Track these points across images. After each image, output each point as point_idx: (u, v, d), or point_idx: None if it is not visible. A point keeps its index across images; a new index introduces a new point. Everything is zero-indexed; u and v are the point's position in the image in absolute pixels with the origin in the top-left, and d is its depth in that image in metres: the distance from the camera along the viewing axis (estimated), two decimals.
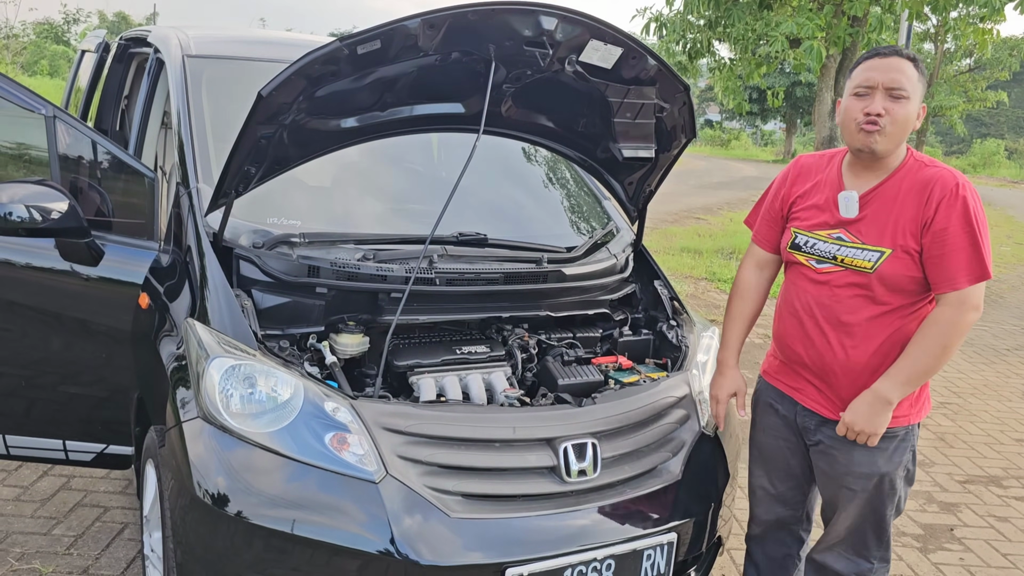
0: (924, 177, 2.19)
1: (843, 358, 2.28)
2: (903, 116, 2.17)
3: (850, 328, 2.27)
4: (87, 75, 4.62)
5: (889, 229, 2.20)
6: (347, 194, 3.24)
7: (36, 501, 3.46)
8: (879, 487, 2.33)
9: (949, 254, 2.14)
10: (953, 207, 2.13)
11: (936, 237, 2.14)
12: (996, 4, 9.53)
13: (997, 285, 10.89)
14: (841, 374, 2.30)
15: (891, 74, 2.16)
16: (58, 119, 2.83)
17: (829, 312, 2.30)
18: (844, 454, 2.33)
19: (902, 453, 2.32)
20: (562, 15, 2.27)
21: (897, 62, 2.17)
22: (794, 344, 2.40)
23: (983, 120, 51.32)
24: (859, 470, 2.32)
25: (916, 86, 2.18)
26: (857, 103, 2.20)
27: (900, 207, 2.20)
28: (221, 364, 2.20)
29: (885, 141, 2.18)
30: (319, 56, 2.17)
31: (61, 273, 2.81)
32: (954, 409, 5.65)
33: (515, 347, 2.73)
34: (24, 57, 33.60)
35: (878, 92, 2.17)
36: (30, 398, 3.01)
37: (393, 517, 2.06)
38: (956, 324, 2.15)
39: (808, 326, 2.35)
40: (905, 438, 2.32)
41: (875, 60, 2.20)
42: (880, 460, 2.31)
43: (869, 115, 2.17)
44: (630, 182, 2.99)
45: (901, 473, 2.35)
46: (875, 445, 2.27)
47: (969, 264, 2.13)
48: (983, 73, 32.09)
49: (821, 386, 2.37)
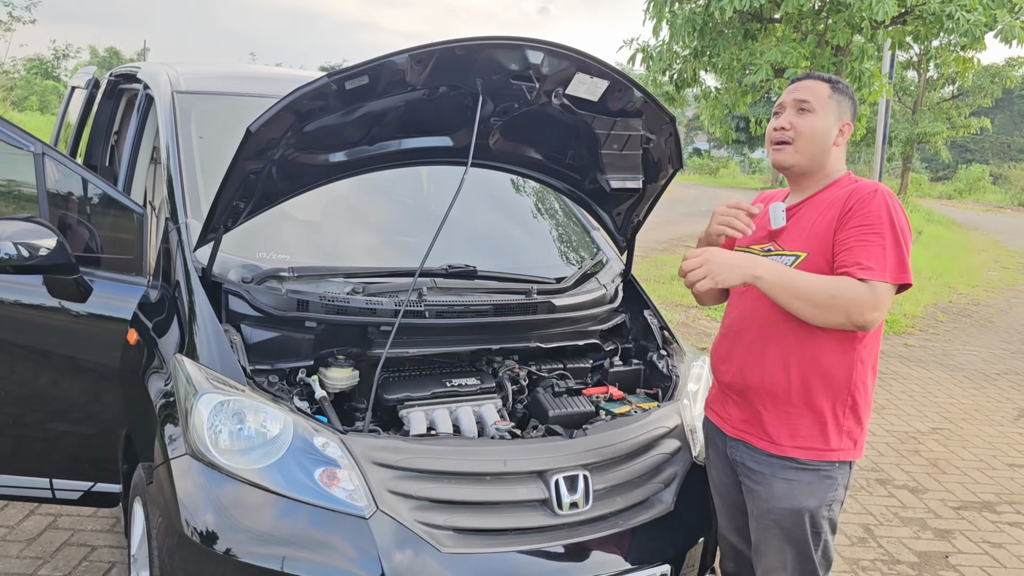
0: (849, 189, 2.19)
1: (761, 372, 2.21)
2: (808, 128, 2.20)
3: (765, 339, 2.21)
4: (77, 111, 4.63)
5: (806, 234, 2.19)
6: (336, 227, 3.25)
7: (22, 541, 3.41)
8: (799, 524, 2.20)
9: (862, 245, 2.06)
10: (868, 204, 2.09)
11: (850, 231, 2.09)
12: (976, 33, 9.67)
13: (986, 309, 10.95)
14: (758, 389, 2.22)
15: (796, 93, 2.24)
16: (47, 156, 2.83)
17: (749, 324, 2.26)
18: (765, 487, 2.23)
19: (826, 490, 2.19)
20: (548, 49, 2.30)
21: (806, 82, 2.25)
22: (720, 363, 2.36)
23: (968, 146, 51.86)
24: (779, 505, 2.20)
25: (825, 102, 2.21)
26: (771, 123, 2.28)
27: (820, 215, 2.19)
28: (210, 400, 2.19)
29: (795, 155, 2.22)
30: (307, 92, 2.18)
31: (49, 310, 2.80)
32: (946, 435, 5.65)
33: (505, 379, 2.73)
34: (15, 93, 33.67)
35: (787, 109, 2.25)
36: (17, 436, 2.98)
37: (384, 553, 2.04)
38: (855, 303, 2.02)
39: (731, 341, 2.31)
40: (830, 474, 2.19)
41: (792, 84, 2.30)
42: (800, 493, 2.18)
43: (776, 130, 2.24)
44: (618, 212, 3.01)
45: (824, 512, 2.20)
46: (701, 289, 2.08)
47: (884, 259, 2.05)
48: (966, 100, 32.50)
49: (742, 406, 2.29)
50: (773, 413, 2.22)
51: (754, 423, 2.27)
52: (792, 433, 2.20)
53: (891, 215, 2.09)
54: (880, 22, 9.87)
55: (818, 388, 2.17)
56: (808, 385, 2.17)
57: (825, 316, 2.06)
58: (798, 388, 2.18)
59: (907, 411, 6.16)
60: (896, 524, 4.17)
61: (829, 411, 2.18)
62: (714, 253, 2.09)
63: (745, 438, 2.29)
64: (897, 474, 4.85)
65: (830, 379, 2.17)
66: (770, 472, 2.22)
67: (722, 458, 2.40)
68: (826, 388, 2.17)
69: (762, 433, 2.24)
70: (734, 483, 2.38)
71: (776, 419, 2.22)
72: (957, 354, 8.24)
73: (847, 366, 2.17)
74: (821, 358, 2.16)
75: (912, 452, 5.26)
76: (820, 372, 2.17)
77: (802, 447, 2.19)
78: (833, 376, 2.17)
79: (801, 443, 2.19)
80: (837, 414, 2.19)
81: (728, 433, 2.35)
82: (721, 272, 2.06)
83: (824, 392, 2.17)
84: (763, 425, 2.24)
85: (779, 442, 2.21)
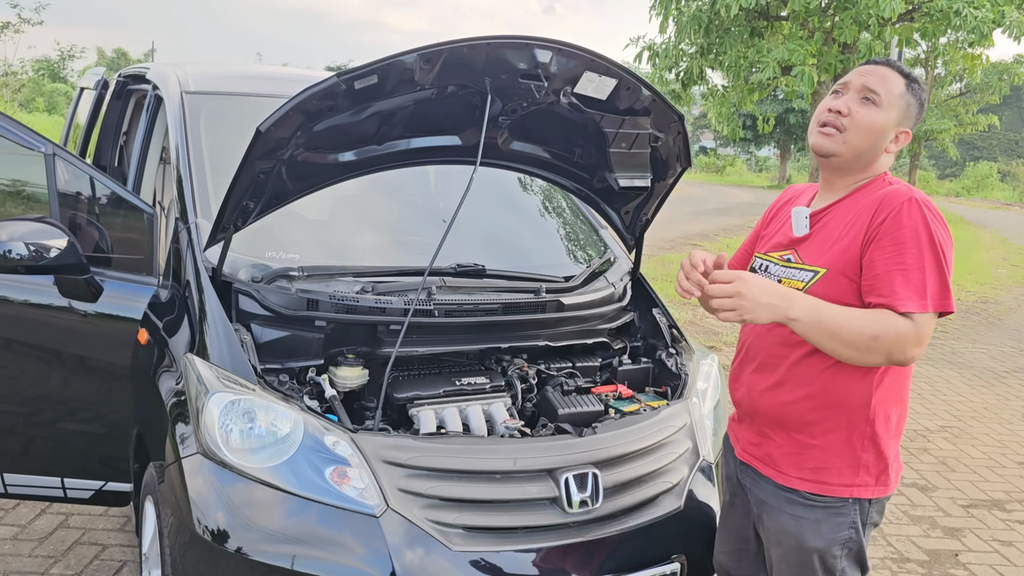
0: (878, 195, 1.94)
1: (769, 398, 2.04)
2: (867, 121, 1.94)
3: (776, 363, 2.02)
4: (86, 112, 4.65)
5: (828, 247, 1.96)
6: (345, 227, 3.26)
7: (34, 539, 3.43)
8: (808, 563, 2.01)
9: (900, 271, 1.83)
10: (902, 219, 1.86)
11: (884, 251, 1.85)
12: (984, 30, 9.64)
13: (994, 307, 10.91)
14: (767, 415, 2.06)
15: (868, 77, 1.97)
16: (57, 156, 2.85)
17: (763, 342, 2.06)
18: (772, 520, 2.07)
19: (835, 529, 1.99)
20: (557, 48, 2.30)
21: (883, 69, 1.98)
22: (732, 381, 2.19)
23: (975, 143, 51.66)
24: (785, 540, 2.04)
25: (895, 99, 1.95)
26: (827, 101, 2.03)
27: (847, 224, 1.95)
28: (220, 399, 2.20)
29: (842, 146, 1.97)
30: (317, 91, 2.19)
31: (60, 309, 2.82)
32: (955, 433, 5.63)
33: (515, 377, 2.73)
34: (23, 95, 33.82)
35: (851, 91, 1.98)
36: (28, 435, 3.00)
37: (394, 551, 2.05)
38: (898, 342, 1.80)
39: (745, 360, 2.14)
40: (841, 512, 1.99)
41: (864, 66, 2.03)
42: (806, 531, 2.00)
43: (831, 112, 1.98)
44: (627, 211, 3.01)
45: (837, 552, 1.99)
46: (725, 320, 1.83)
47: (925, 286, 1.82)
48: (973, 97, 32.39)
49: (754, 430, 2.13)
50: (781, 440, 2.05)
51: (762, 448, 2.11)
52: (799, 463, 2.02)
53: (930, 231, 1.85)
54: (887, 19, 9.85)
55: (831, 416, 1.97)
56: (821, 412, 1.98)
57: (864, 357, 1.84)
58: (810, 415, 1.99)
59: (916, 409, 6.14)
60: (905, 522, 4.16)
61: (843, 442, 1.98)
62: (748, 284, 1.82)
63: (751, 462, 2.15)
64: (906, 472, 4.84)
65: (845, 407, 1.96)
66: (776, 504, 2.06)
67: (733, 479, 2.26)
68: (840, 417, 1.97)
69: (769, 460, 2.09)
70: (737, 506, 2.26)
71: (783, 447, 2.04)
72: (966, 352, 8.22)
73: (866, 393, 1.95)
74: (836, 384, 1.95)
75: (921, 450, 5.24)
76: (834, 399, 1.96)
77: (810, 479, 2.00)
78: (849, 404, 1.96)
79: (809, 475, 2.00)
80: (853, 445, 1.97)
81: (737, 455, 2.22)
82: (753, 310, 1.81)
83: (838, 421, 1.97)
84: (770, 452, 2.08)
85: (785, 471, 2.04)
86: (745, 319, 1.84)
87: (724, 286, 1.83)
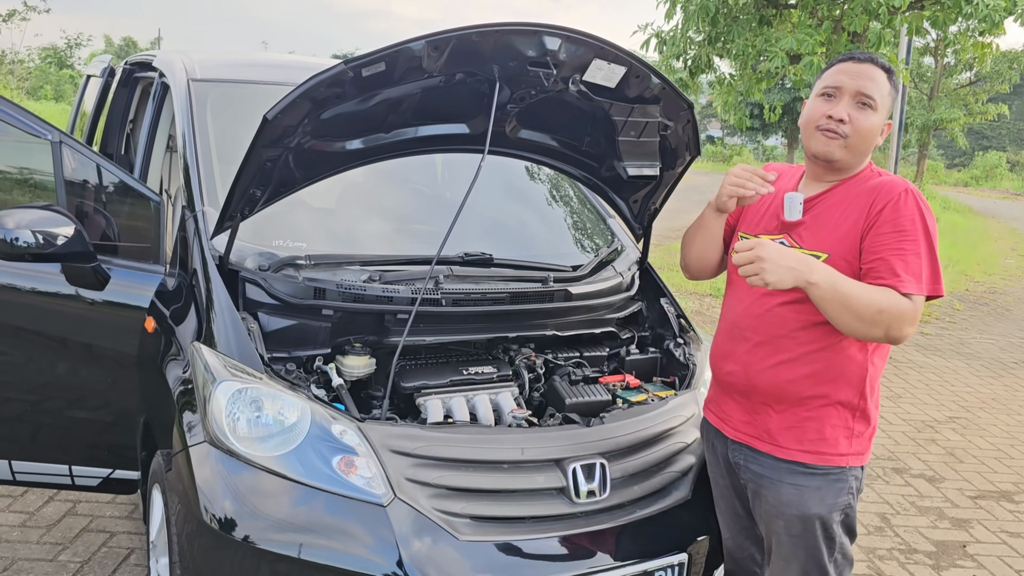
0: (872, 185, 2.05)
1: (770, 375, 2.11)
2: (867, 127, 2.04)
3: (779, 341, 2.09)
4: (93, 100, 4.65)
5: (828, 233, 2.06)
6: (352, 215, 3.25)
7: (42, 527, 3.44)
8: (811, 531, 2.11)
9: (899, 256, 1.95)
10: (901, 208, 1.97)
11: (884, 237, 1.97)
12: (995, 18, 9.54)
13: (1003, 298, 10.87)
14: (766, 391, 2.12)
15: (862, 80, 2.04)
16: (64, 144, 2.84)
17: (759, 322, 2.13)
18: (772, 492, 2.14)
19: (836, 495, 2.10)
20: (566, 35, 2.27)
21: (871, 70, 2.05)
22: (722, 361, 2.24)
23: (984, 133, 51.38)
24: (788, 511, 2.11)
25: (885, 98, 2.06)
26: (822, 105, 2.08)
27: (844, 212, 2.05)
28: (228, 388, 2.20)
29: (845, 151, 2.06)
30: (324, 79, 2.17)
31: (67, 297, 2.81)
32: (963, 424, 5.61)
33: (522, 367, 2.72)
34: (29, 82, 33.84)
35: (845, 97, 2.05)
36: (36, 423, 3.00)
37: (402, 540, 2.05)
38: (898, 318, 1.91)
39: (737, 339, 2.19)
40: (840, 479, 2.10)
41: (849, 64, 2.08)
42: (810, 500, 2.09)
43: (831, 119, 2.04)
44: (635, 200, 2.99)
45: (837, 517, 2.11)
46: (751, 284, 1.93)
47: (920, 270, 1.95)
48: (983, 86, 32.17)
49: (747, 408, 2.19)
50: (780, 416, 2.12)
51: (757, 425, 2.17)
52: (799, 436, 2.10)
53: (924, 221, 1.97)
54: (897, 8, 9.75)
55: (832, 391, 2.07)
56: (821, 387, 2.07)
57: (866, 330, 1.94)
58: (810, 390, 2.08)
59: (924, 400, 6.12)
60: (913, 513, 4.15)
61: (841, 414, 2.09)
62: (768, 249, 1.91)
63: (747, 441, 2.20)
64: (914, 463, 4.83)
65: (845, 382, 2.08)
66: (777, 477, 2.13)
67: (722, 461, 2.31)
68: (840, 391, 2.08)
69: (766, 436, 2.15)
70: (732, 487, 2.31)
71: (783, 422, 2.12)
72: (974, 342, 8.19)
73: (862, 368, 2.08)
74: (837, 360, 2.06)
75: (929, 441, 5.23)
76: (834, 374, 2.07)
77: (810, 451, 2.09)
78: (848, 379, 2.07)
79: (809, 447, 2.10)
80: (848, 417, 2.10)
81: (729, 436, 2.25)
82: (775, 272, 1.89)
83: (838, 395, 2.08)
84: (767, 428, 2.14)
85: (785, 445, 2.12)
86: (768, 281, 1.91)
87: (746, 253, 1.93)
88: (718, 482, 2.38)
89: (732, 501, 2.33)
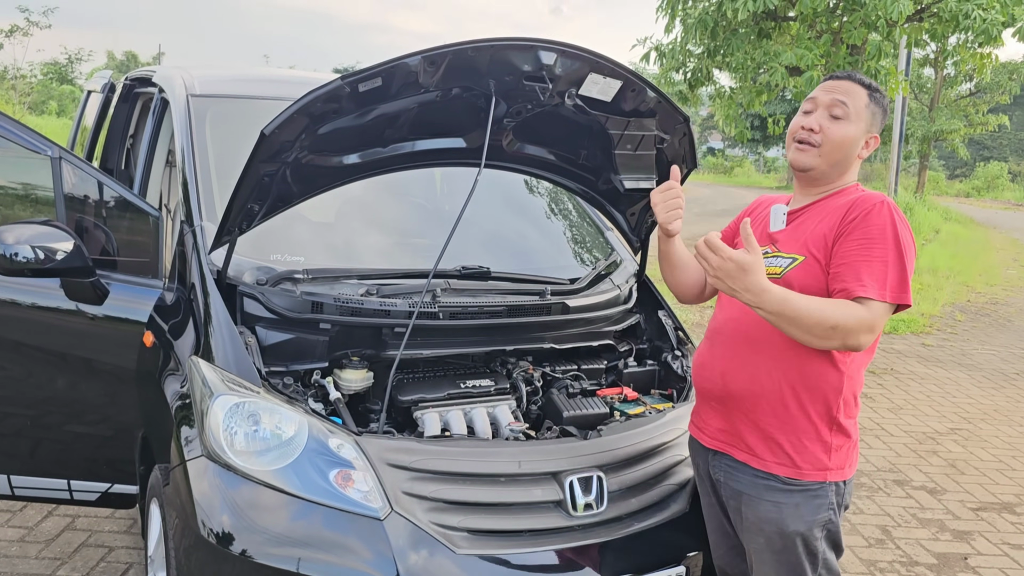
0: (852, 198, 2.09)
1: (745, 379, 2.11)
2: (839, 136, 2.10)
3: (756, 345, 2.10)
4: (93, 115, 4.67)
5: (806, 238, 2.10)
6: (350, 229, 3.26)
7: (41, 541, 3.44)
8: (791, 548, 2.09)
9: (864, 261, 1.97)
10: (872, 217, 2.00)
11: (851, 243, 2.00)
12: (992, 32, 9.58)
13: (1005, 308, 10.85)
14: (742, 397, 2.12)
15: (836, 93, 2.12)
16: (63, 160, 2.85)
17: (737, 326, 2.15)
18: (751, 509, 2.13)
19: (814, 511, 2.07)
20: (561, 50, 2.29)
21: (847, 84, 2.13)
22: (700, 368, 2.25)
23: (985, 143, 51.39)
24: (767, 528, 2.10)
25: (862, 111, 2.11)
26: (800, 119, 2.17)
27: (820, 221, 2.10)
28: (225, 402, 2.20)
29: (818, 160, 2.12)
30: (321, 94, 2.18)
31: (66, 312, 2.82)
32: (964, 435, 5.60)
33: (519, 380, 2.73)
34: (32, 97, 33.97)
35: (820, 109, 2.13)
36: (35, 438, 3.00)
37: (399, 554, 2.04)
38: (853, 330, 1.92)
39: (715, 345, 2.21)
40: (819, 494, 2.07)
41: (828, 82, 2.18)
42: (788, 516, 2.07)
43: (803, 129, 2.13)
44: (632, 213, 3.00)
45: (819, 533, 2.09)
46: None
47: (885, 277, 1.96)
48: (984, 97, 32.24)
49: (723, 415, 2.18)
50: (756, 424, 2.11)
51: (733, 434, 2.16)
52: (775, 448, 2.09)
53: (895, 230, 1.99)
54: (895, 20, 9.80)
55: (806, 399, 2.06)
56: (796, 396, 2.06)
57: (821, 343, 1.96)
58: (785, 398, 2.07)
59: (925, 411, 6.11)
60: (914, 525, 4.14)
61: (817, 426, 2.07)
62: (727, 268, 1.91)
63: (724, 448, 2.19)
64: (915, 475, 4.82)
65: (820, 391, 2.06)
66: (755, 493, 2.12)
67: (705, 479, 2.30)
68: (814, 400, 2.06)
69: (742, 444, 2.14)
70: (718, 504, 2.29)
71: (758, 431, 2.10)
72: (975, 353, 8.17)
73: (838, 379, 2.06)
74: (811, 367, 2.05)
75: (930, 452, 5.21)
76: (810, 382, 2.06)
77: (785, 464, 2.08)
78: (822, 389, 2.06)
79: (784, 460, 2.08)
80: (823, 429, 2.07)
81: (706, 445, 2.25)
82: (718, 284, 1.96)
83: (812, 404, 2.06)
84: (743, 436, 2.14)
85: (761, 456, 2.11)
86: (718, 288, 2.00)
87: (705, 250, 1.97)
88: (704, 500, 2.37)
89: (720, 519, 2.32)
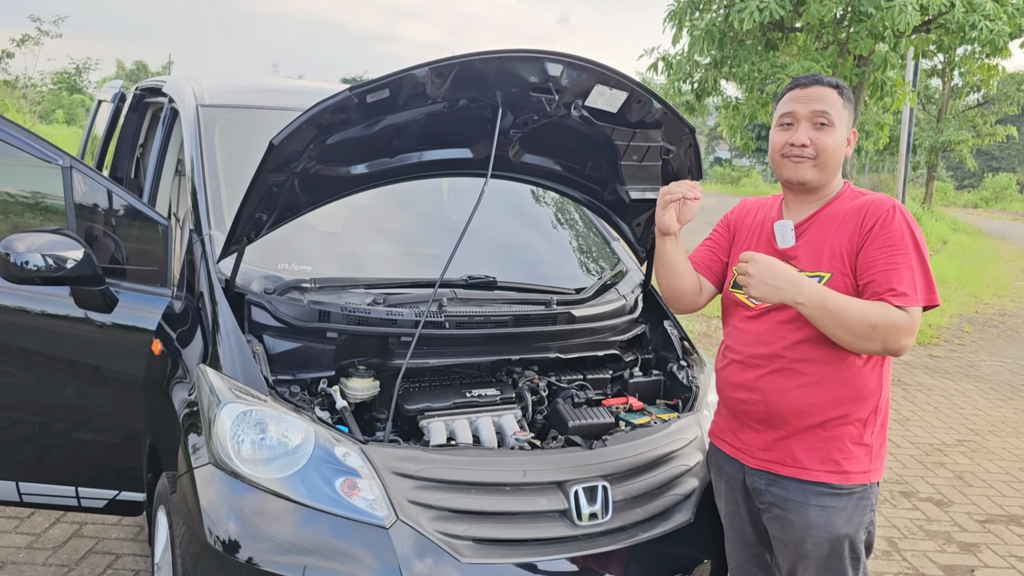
0: (859, 204, 2.12)
1: (791, 399, 2.13)
2: (830, 144, 2.12)
3: (795, 365, 2.13)
4: (103, 124, 4.71)
5: (826, 253, 2.11)
6: (357, 239, 3.27)
7: (48, 548, 3.45)
8: (838, 552, 2.14)
9: (893, 269, 2.02)
10: (890, 224, 2.05)
11: (875, 252, 2.04)
12: (999, 43, 9.58)
13: (1013, 320, 10.81)
14: (789, 417, 2.14)
15: (812, 104, 2.12)
16: (74, 169, 2.88)
17: (771, 349, 2.16)
18: (799, 516, 2.15)
19: (861, 513, 2.15)
20: (567, 61, 2.31)
21: (819, 91, 2.13)
22: (737, 392, 2.25)
23: (994, 154, 51.28)
24: (816, 533, 2.13)
25: (841, 113, 2.13)
26: (782, 135, 2.17)
27: (836, 232, 2.12)
28: (232, 410, 2.21)
29: (815, 171, 2.14)
30: (329, 105, 2.20)
31: (76, 320, 2.85)
32: (972, 447, 5.58)
33: (525, 389, 2.73)
34: (42, 106, 34.19)
35: (802, 122, 2.13)
36: (43, 445, 3.02)
37: (404, 562, 2.05)
38: (894, 331, 1.98)
39: (751, 368, 2.21)
40: (864, 496, 2.15)
41: (796, 91, 2.17)
42: (838, 520, 2.12)
43: (794, 146, 2.13)
44: (638, 223, 3.01)
45: (862, 536, 2.17)
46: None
47: (914, 282, 2.02)
48: (991, 108, 32.18)
49: (768, 436, 2.20)
50: (804, 439, 2.14)
51: (780, 451, 2.18)
52: (823, 457, 2.13)
53: (913, 234, 2.05)
54: (902, 32, 9.81)
55: (852, 410, 2.12)
56: (843, 408, 2.11)
57: (862, 344, 2.02)
58: (833, 412, 2.11)
59: (932, 423, 6.09)
60: (921, 537, 4.12)
61: (861, 432, 2.13)
62: (759, 266, 2.02)
63: (771, 468, 2.20)
64: (922, 487, 4.80)
65: (863, 400, 2.12)
66: (803, 499, 2.15)
67: (737, 488, 2.32)
68: (859, 409, 2.12)
69: (791, 460, 2.16)
70: (748, 512, 2.31)
71: (807, 445, 2.14)
72: (983, 365, 8.14)
73: (878, 386, 2.14)
74: (855, 379, 2.11)
75: (937, 464, 5.20)
76: (854, 394, 2.12)
77: (834, 471, 2.12)
78: (866, 397, 2.13)
79: (833, 467, 2.12)
80: (867, 435, 2.14)
81: (749, 464, 2.26)
82: (759, 288, 2.02)
83: (858, 413, 2.12)
84: (792, 452, 2.16)
85: (810, 467, 2.14)
86: (754, 296, 2.05)
87: (743, 264, 2.06)
88: (730, 508, 2.36)
89: (743, 527, 2.33)
